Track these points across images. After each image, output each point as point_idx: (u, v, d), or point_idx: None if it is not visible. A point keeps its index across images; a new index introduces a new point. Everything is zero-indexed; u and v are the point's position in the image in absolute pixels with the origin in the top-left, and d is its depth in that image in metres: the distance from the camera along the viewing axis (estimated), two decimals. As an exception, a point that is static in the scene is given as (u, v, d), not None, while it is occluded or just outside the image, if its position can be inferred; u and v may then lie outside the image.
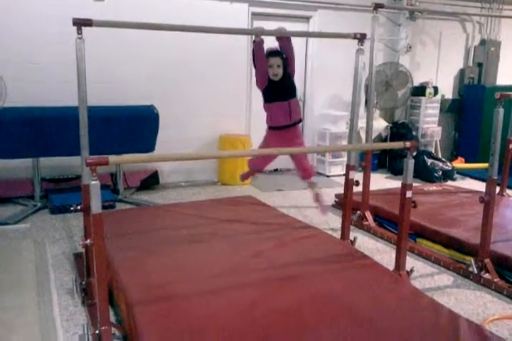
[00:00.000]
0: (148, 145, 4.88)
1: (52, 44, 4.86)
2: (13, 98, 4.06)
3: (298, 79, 6.48)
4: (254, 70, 3.32)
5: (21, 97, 4.51)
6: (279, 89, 3.32)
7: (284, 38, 3.25)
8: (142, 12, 5.09)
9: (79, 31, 2.55)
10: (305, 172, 3.66)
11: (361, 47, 3.37)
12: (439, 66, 7.21)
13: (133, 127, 4.82)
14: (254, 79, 6.12)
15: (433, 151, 6.97)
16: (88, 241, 2.22)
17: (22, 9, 4.80)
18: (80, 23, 2.55)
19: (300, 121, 3.51)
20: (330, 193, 5.42)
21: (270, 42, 3.27)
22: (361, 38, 3.33)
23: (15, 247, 3.72)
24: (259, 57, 3.20)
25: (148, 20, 3.02)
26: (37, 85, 4.87)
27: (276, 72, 3.24)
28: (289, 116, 3.37)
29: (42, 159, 4.80)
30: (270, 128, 3.52)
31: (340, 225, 3.72)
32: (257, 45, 3.15)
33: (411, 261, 3.45)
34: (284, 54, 3.27)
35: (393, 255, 3.17)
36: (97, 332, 2.23)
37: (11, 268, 3.27)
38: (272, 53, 3.26)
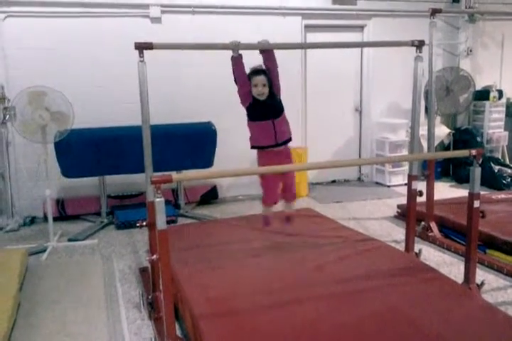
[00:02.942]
0: (207, 161, 4.98)
1: (114, 66, 5.08)
2: (79, 120, 4.27)
3: (353, 88, 6.49)
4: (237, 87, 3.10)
5: (87, 119, 4.73)
6: (263, 108, 3.11)
7: (267, 51, 3.08)
8: (195, 32, 5.22)
9: (140, 54, 2.65)
10: (292, 193, 3.44)
11: (419, 54, 3.29)
12: (502, 68, 6.91)
13: (192, 144, 4.93)
14: (308, 90, 6.19)
15: (500, 157, 6.65)
16: (154, 256, 2.28)
17: (84, 34, 5.06)
18: (142, 47, 2.65)
19: (289, 140, 3.29)
20: (391, 204, 5.30)
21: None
22: (419, 45, 3.24)
23: (84, 262, 3.88)
24: (240, 73, 3.02)
25: (201, 40, 3.09)
26: (101, 107, 5.11)
27: (262, 91, 3.04)
28: (274, 136, 3.15)
29: (107, 177, 5.01)
30: (253, 147, 3.29)
31: (403, 237, 3.62)
32: (235, 60, 2.98)
33: (481, 274, 3.30)
34: (268, 68, 3.09)
35: (461, 267, 3.04)
36: (164, 345, 2.28)
37: (82, 283, 3.40)
38: (257, 72, 3.06)
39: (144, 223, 2.79)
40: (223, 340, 2.23)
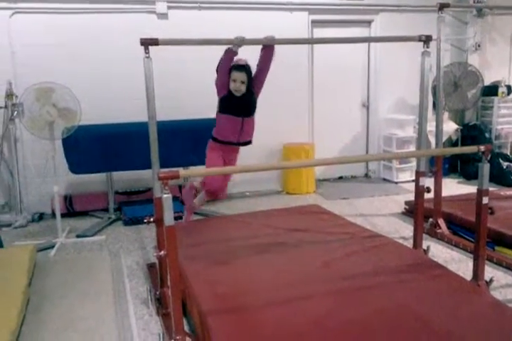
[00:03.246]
0: (214, 157, 4.97)
1: (121, 63, 5.08)
2: (86, 116, 4.28)
3: (360, 84, 6.47)
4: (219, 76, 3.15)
5: (94, 115, 4.74)
6: (236, 104, 3.11)
7: (269, 48, 3.06)
8: (202, 28, 5.20)
9: (146, 50, 2.65)
10: (220, 192, 3.50)
11: (427, 49, 3.26)
12: (511, 64, 6.85)
13: (198, 140, 4.90)
14: (315, 86, 6.17)
15: (508, 153, 6.60)
16: (162, 252, 2.29)
17: (90, 30, 5.07)
18: (147, 43, 2.65)
19: (249, 142, 3.27)
20: (399, 200, 5.28)
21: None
22: (426, 40, 3.22)
23: (92, 258, 3.90)
24: (224, 66, 3.02)
25: (208, 36, 3.08)
26: (107, 103, 5.12)
27: (239, 87, 3.05)
28: (238, 134, 3.15)
29: (114, 173, 5.03)
30: (214, 139, 3.26)
31: (411, 233, 3.61)
32: (229, 54, 2.98)
33: (490, 271, 3.28)
34: (260, 67, 3.07)
35: (470, 264, 3.02)
36: (172, 341, 2.29)
37: (90, 279, 3.42)
38: (239, 68, 3.06)
39: (152, 219, 2.80)
40: (231, 336, 2.23)
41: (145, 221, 2.81)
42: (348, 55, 6.18)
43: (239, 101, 3.10)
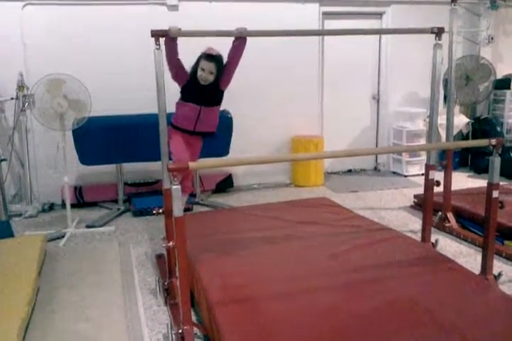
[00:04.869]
0: (223, 149, 4.97)
1: (131, 54, 5.09)
2: (96, 107, 4.29)
3: (370, 77, 6.42)
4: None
5: (104, 106, 4.75)
6: (198, 91, 3.06)
7: (241, 39, 3.00)
8: (213, 19, 5.18)
9: (157, 42, 2.65)
10: (189, 187, 3.53)
11: (439, 41, 3.23)
12: (525, 57, 6.76)
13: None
14: (325, 78, 6.13)
15: (520, 147, 6.53)
16: (171, 243, 2.30)
17: (101, 21, 5.07)
18: (158, 35, 2.65)
19: (208, 134, 3.24)
20: (408, 194, 5.26)
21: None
22: (439, 32, 3.19)
23: (102, 249, 3.93)
24: (170, 57, 2.97)
25: (219, 28, 3.07)
26: (118, 94, 5.13)
27: (206, 77, 3.00)
28: (194, 122, 3.10)
29: (124, 164, 5.05)
30: (171, 126, 3.21)
31: (420, 227, 3.60)
32: (168, 43, 2.93)
33: (498, 265, 3.27)
34: (230, 59, 3.03)
35: (478, 258, 3.01)
36: (179, 331, 2.31)
37: (99, 269, 3.46)
38: (209, 57, 3.01)
39: (161, 210, 2.81)
40: (238, 327, 2.24)
41: (154, 212, 2.83)
42: (359, 47, 6.14)
43: (202, 89, 3.08)
